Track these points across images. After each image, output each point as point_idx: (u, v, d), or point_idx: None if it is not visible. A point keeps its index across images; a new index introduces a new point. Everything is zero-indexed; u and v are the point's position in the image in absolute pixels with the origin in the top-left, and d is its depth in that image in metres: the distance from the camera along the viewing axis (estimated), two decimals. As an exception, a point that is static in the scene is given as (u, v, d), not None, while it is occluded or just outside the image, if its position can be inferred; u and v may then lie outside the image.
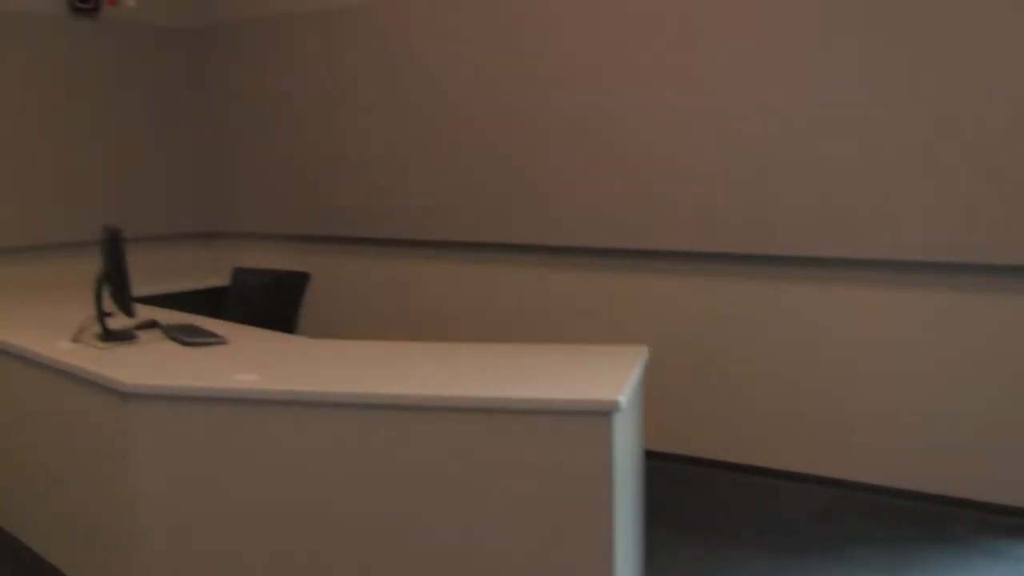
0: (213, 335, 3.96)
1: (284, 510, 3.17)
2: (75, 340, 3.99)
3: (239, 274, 5.08)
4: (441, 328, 5.74)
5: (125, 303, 3.96)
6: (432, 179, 5.65)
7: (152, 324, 4.23)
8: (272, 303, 4.73)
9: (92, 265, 5.83)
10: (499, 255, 5.51)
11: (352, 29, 5.92)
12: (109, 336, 3.98)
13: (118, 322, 4.07)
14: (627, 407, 2.91)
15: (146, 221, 6.59)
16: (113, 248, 3.94)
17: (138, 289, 4.11)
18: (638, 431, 3.46)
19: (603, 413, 2.81)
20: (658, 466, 4.80)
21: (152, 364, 3.57)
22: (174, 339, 3.97)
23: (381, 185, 5.89)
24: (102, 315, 4.01)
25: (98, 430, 3.51)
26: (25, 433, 4.13)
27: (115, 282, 3.95)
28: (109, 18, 6.44)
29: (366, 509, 3.08)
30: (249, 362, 3.53)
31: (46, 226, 6.18)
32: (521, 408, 2.87)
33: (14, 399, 4.19)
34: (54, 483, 3.92)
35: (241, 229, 6.83)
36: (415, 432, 2.99)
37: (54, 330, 4.18)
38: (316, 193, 6.24)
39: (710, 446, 4.96)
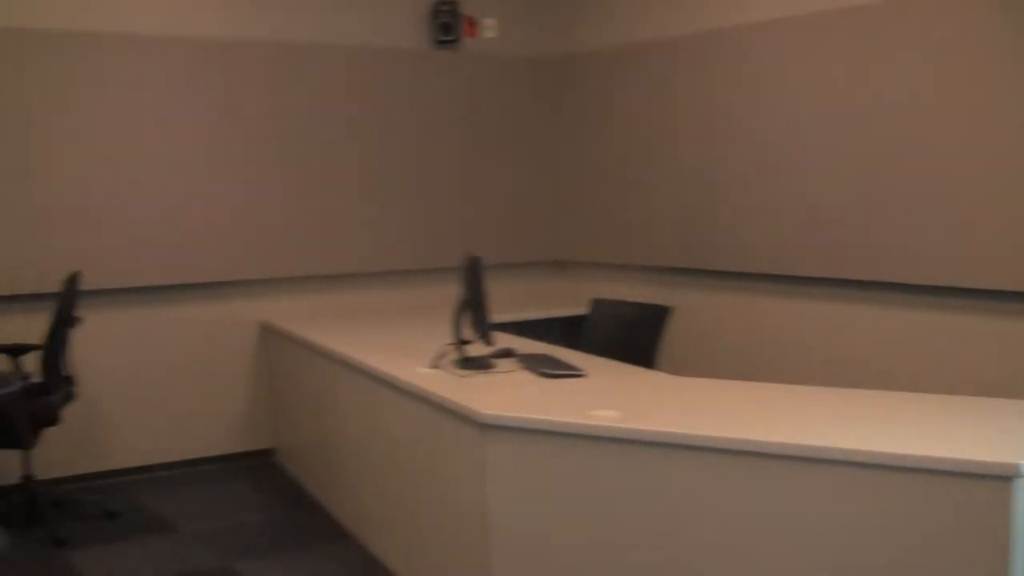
0: (571, 367, 4.17)
1: (634, 549, 3.29)
2: (434, 366, 4.33)
3: (598, 305, 5.27)
4: (809, 370, 5.65)
5: (484, 331, 4.27)
6: (797, 211, 5.59)
7: (508, 353, 4.52)
8: (631, 336, 4.88)
9: (438, 291, 6.33)
10: (876, 294, 5.36)
11: (714, 55, 6.00)
12: (467, 364, 4.30)
13: (475, 349, 4.38)
14: (1030, 473, 2.76)
15: (502, 249, 7.04)
16: (474, 276, 4.25)
17: (494, 316, 4.40)
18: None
19: (1003, 478, 2.67)
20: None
21: (509, 395, 3.84)
22: (531, 369, 4.22)
23: (741, 216, 5.91)
24: (461, 342, 4.33)
25: (454, 455, 3.82)
26: (382, 452, 4.57)
27: (475, 309, 4.27)
28: (469, 49, 6.98)
29: (717, 560, 3.13)
30: (608, 398, 3.70)
31: (404, 254, 6.79)
32: (898, 465, 2.79)
33: (373, 420, 4.64)
34: (409, 501, 4.31)
35: (596, 259, 7.09)
36: (779, 484, 2.99)
37: (412, 355, 4.59)
38: (675, 224, 6.36)
39: None
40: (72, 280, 5.21)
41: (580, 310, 5.69)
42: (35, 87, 5.66)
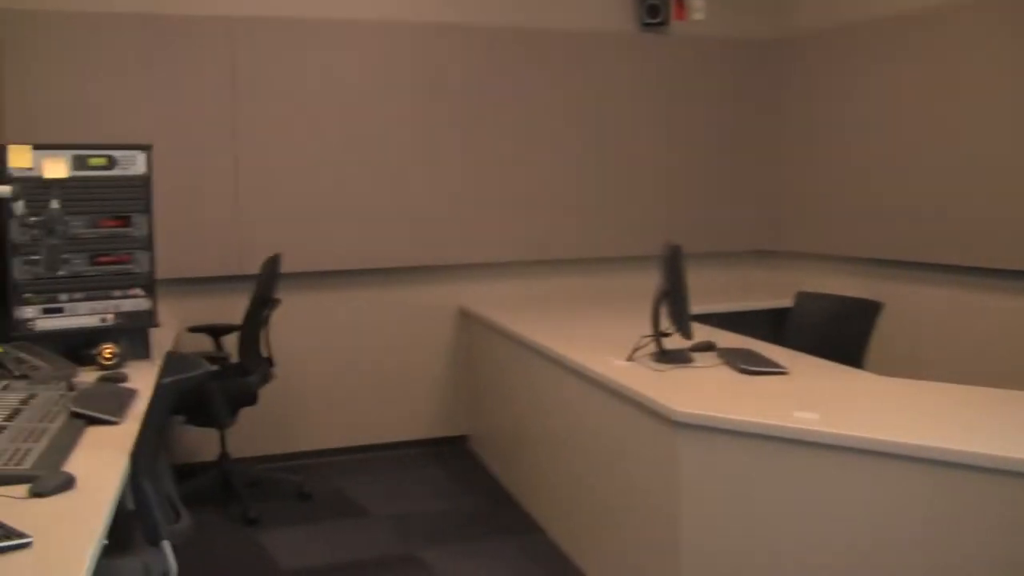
0: (772, 364, 4.07)
1: (830, 558, 3.17)
2: (630, 359, 4.28)
3: (803, 299, 5.12)
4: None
5: (683, 323, 4.19)
6: (1012, 202, 5.23)
7: (708, 347, 4.43)
8: (837, 333, 4.73)
9: (638, 280, 6.22)
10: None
11: (934, 36, 5.67)
12: (665, 357, 4.24)
13: (674, 342, 4.29)
14: None
15: (704, 237, 6.90)
16: (673, 265, 4.17)
17: (694, 306, 4.33)
18: None
19: None
20: None
21: (706, 391, 3.77)
22: (731, 365, 4.13)
23: (956, 206, 5.57)
24: (659, 335, 4.26)
25: (646, 453, 3.78)
26: (573, 444, 4.57)
27: (674, 301, 4.19)
28: (678, 32, 6.86)
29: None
30: (810, 398, 3.58)
31: (604, 241, 6.75)
32: None
33: (565, 411, 4.64)
34: (599, 497, 4.29)
35: (805, 249, 6.86)
36: (994, 501, 2.80)
37: (608, 346, 4.55)
38: (889, 213, 6.06)
39: None
40: (272, 262, 5.39)
41: (786, 302, 5.51)
42: (240, 74, 5.90)
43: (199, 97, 5.82)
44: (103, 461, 2.64)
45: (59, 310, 4.07)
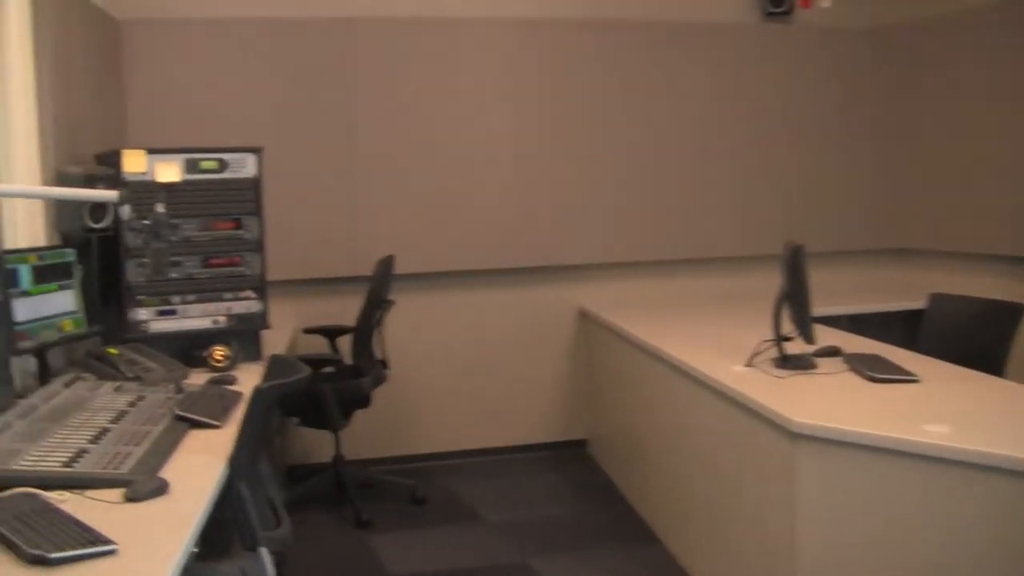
0: (902, 371, 3.89)
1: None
2: (749, 364, 4.14)
3: (937, 301, 4.90)
4: None
5: (805, 327, 4.04)
6: None
7: (834, 352, 4.28)
8: (976, 337, 4.50)
9: (761, 280, 6.04)
10: None
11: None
12: (786, 362, 4.10)
13: (797, 347, 4.14)
14: None
15: (829, 235, 6.65)
16: (795, 266, 4.03)
17: (818, 308, 4.18)
18: None
19: None
20: None
21: (828, 399, 3.62)
22: (857, 372, 3.97)
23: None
24: (780, 339, 4.11)
25: (763, 464, 3.64)
26: (689, 453, 4.46)
27: (795, 303, 4.03)
28: (803, 21, 6.64)
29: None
30: (942, 409, 3.40)
31: (729, 239, 6.59)
32: None
33: (682, 418, 4.54)
34: (715, 508, 4.17)
35: (939, 247, 6.56)
36: None
37: (727, 350, 4.43)
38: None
39: None
40: (386, 263, 5.39)
41: (920, 303, 5.28)
42: (358, 76, 5.93)
43: (319, 99, 5.88)
44: (201, 466, 2.65)
45: (172, 312, 4.13)
